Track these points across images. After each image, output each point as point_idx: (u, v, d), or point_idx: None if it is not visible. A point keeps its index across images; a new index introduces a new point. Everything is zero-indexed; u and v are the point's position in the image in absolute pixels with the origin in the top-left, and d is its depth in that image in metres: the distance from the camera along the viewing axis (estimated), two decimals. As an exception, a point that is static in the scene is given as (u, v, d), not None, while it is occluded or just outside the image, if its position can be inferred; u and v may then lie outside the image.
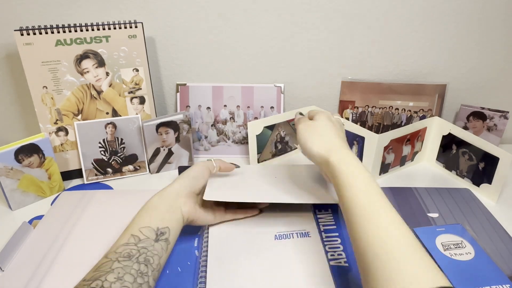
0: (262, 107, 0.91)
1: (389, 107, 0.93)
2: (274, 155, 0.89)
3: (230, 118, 0.91)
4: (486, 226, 0.68)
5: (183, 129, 0.85)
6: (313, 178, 0.74)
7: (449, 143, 0.82)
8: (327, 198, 0.67)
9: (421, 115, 0.93)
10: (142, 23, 0.79)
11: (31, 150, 0.73)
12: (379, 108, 0.93)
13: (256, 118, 0.91)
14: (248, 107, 0.91)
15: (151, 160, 0.84)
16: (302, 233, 0.64)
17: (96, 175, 0.82)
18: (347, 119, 0.95)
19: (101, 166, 0.82)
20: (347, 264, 0.58)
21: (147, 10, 0.85)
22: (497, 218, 0.70)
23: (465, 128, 0.91)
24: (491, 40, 0.89)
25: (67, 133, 0.81)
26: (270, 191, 0.67)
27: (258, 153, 0.85)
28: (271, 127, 0.85)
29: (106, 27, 0.77)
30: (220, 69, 0.92)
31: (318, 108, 0.88)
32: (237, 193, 0.65)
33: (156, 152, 0.84)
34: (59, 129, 0.80)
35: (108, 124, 0.80)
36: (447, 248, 0.62)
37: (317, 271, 0.57)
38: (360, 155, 0.81)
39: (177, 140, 0.85)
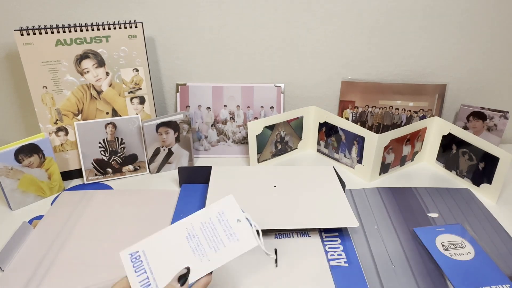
0: (262, 107, 0.91)
1: (389, 107, 0.93)
2: (274, 155, 0.89)
3: (230, 118, 0.91)
4: (486, 226, 0.68)
5: (183, 129, 0.85)
6: (313, 182, 0.74)
7: (449, 143, 0.82)
8: (334, 222, 0.64)
9: (421, 115, 0.93)
10: (142, 23, 0.79)
11: (31, 150, 0.73)
12: (379, 108, 0.93)
13: (256, 118, 0.91)
14: (248, 107, 0.91)
15: (151, 160, 0.84)
16: (302, 233, 0.64)
17: (96, 175, 0.82)
18: (347, 119, 0.95)
19: (101, 166, 0.82)
20: (347, 264, 0.58)
21: (147, 10, 0.85)
22: (497, 218, 0.70)
23: (465, 128, 0.91)
24: (491, 40, 0.89)
25: (67, 133, 0.81)
26: (273, 214, 0.65)
27: (258, 153, 0.85)
28: (271, 127, 0.85)
29: (106, 27, 0.77)
30: (220, 69, 0.92)
31: (319, 108, 0.88)
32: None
33: (156, 152, 0.84)
34: (59, 129, 0.80)
35: (108, 124, 0.80)
36: (447, 248, 0.62)
37: (317, 271, 0.57)
38: (360, 155, 0.81)
39: (177, 140, 0.85)
